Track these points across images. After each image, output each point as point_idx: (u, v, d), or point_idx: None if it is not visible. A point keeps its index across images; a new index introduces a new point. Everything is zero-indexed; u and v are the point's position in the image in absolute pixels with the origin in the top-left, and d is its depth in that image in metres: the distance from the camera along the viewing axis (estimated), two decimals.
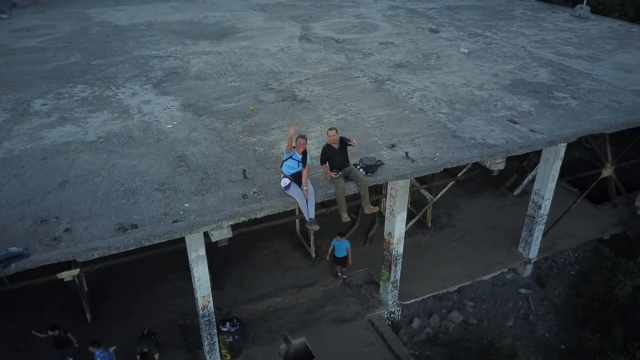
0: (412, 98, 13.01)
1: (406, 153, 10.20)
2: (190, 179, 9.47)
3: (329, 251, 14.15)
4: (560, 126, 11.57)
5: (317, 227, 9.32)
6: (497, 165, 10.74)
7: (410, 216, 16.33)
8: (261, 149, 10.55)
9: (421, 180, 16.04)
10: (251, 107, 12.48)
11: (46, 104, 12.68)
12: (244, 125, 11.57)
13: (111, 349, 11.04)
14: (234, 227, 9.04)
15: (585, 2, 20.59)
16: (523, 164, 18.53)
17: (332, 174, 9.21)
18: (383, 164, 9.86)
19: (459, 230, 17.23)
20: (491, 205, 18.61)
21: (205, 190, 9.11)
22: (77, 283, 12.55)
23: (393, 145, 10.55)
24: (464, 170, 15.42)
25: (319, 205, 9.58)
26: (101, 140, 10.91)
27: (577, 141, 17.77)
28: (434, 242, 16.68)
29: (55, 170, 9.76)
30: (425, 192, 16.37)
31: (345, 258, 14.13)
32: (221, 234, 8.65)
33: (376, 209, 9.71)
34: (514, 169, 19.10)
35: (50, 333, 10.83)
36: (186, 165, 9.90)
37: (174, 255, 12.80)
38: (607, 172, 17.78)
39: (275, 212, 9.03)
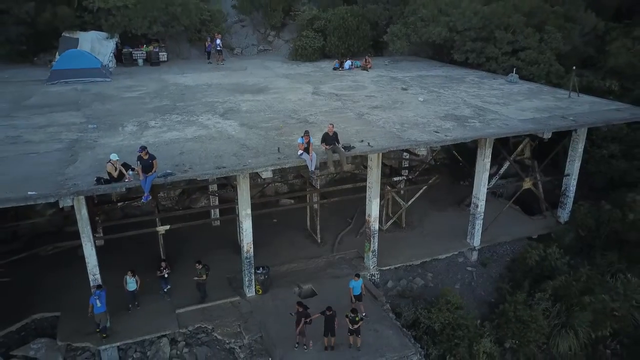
0: (379, 122, 20.94)
1: (368, 143, 17.97)
2: (249, 152, 17.27)
3: (350, 294, 16.92)
4: (463, 134, 19.31)
5: (314, 175, 17.05)
6: (421, 151, 18.50)
7: (389, 219, 23.85)
8: (287, 141, 18.39)
9: (392, 185, 23.61)
10: (281, 125, 20.42)
11: (157, 124, 20.80)
12: (277, 132, 19.48)
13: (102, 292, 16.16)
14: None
15: (514, 71, 28.64)
16: None
17: (327, 148, 17.02)
18: (354, 147, 17.62)
19: (426, 229, 24.44)
20: (452, 215, 25.80)
21: (257, 156, 16.90)
22: (160, 243, 20.02)
23: (362, 140, 18.27)
24: (430, 182, 22.99)
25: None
26: (195, 138, 18.96)
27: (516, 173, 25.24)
28: (407, 236, 23.85)
29: (174, 148, 17.65)
30: (399, 200, 23.86)
31: (361, 295, 17.04)
32: (267, 174, 16.49)
33: (352, 166, 17.39)
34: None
35: (163, 264, 18.20)
36: (246, 147, 17.76)
37: (220, 238, 20.89)
38: (527, 184, 25.05)
39: (295, 166, 16.88)
